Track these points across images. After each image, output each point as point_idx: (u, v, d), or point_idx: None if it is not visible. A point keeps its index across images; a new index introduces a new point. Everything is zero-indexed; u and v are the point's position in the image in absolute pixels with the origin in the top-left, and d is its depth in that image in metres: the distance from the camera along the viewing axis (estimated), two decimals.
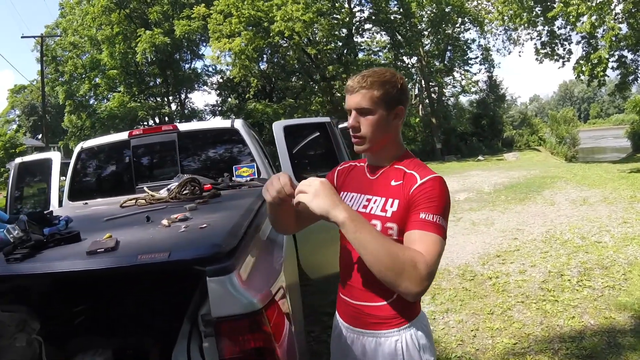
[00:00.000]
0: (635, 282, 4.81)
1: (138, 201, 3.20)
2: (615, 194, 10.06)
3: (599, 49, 16.11)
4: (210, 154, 4.63)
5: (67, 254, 1.63)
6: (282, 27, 22.37)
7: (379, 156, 1.61)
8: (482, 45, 34.05)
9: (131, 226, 2.11)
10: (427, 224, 1.38)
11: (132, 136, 4.29)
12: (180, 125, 4.38)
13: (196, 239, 1.61)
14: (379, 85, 1.50)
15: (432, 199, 1.42)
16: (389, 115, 1.53)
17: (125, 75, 28.41)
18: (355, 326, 1.58)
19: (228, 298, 1.30)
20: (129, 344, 2.37)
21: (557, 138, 33.33)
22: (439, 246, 1.36)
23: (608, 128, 76.07)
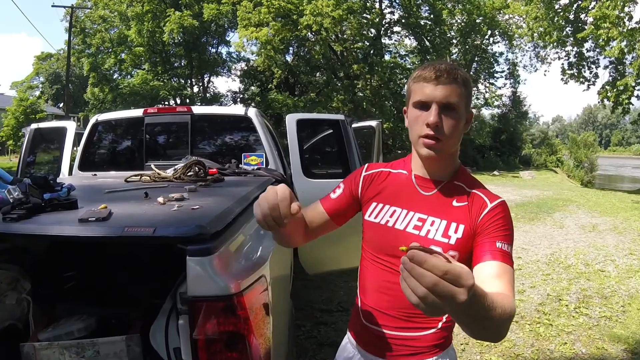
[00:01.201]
0: (632, 315, 4.73)
1: (142, 178, 3.25)
2: (626, 224, 9.93)
3: (626, 75, 15.88)
4: (221, 139, 4.65)
5: (60, 220, 1.66)
6: (310, 21, 22.32)
7: (441, 166, 1.37)
8: (510, 59, 33.78)
9: (128, 200, 2.14)
10: (506, 256, 1.20)
11: (146, 114, 4.33)
12: (195, 108, 4.41)
13: (184, 219, 1.63)
14: (465, 83, 1.29)
15: (505, 227, 1.26)
16: (465, 120, 1.33)
17: (151, 54, 28.59)
18: (382, 357, 1.41)
19: (204, 279, 1.31)
20: (113, 314, 2.40)
21: (575, 161, 32.94)
22: (511, 277, 1.18)
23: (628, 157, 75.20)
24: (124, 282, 2.55)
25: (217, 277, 1.31)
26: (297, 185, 3.93)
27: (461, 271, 0.77)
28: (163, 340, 1.73)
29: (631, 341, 4.12)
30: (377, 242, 1.42)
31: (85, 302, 2.46)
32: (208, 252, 1.33)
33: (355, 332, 1.50)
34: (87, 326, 2.25)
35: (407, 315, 1.36)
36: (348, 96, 28.32)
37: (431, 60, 28.25)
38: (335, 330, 4.21)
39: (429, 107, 1.26)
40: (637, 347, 4.01)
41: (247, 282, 1.40)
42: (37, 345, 2.03)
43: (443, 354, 1.38)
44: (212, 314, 1.31)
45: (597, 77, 18.71)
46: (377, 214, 1.42)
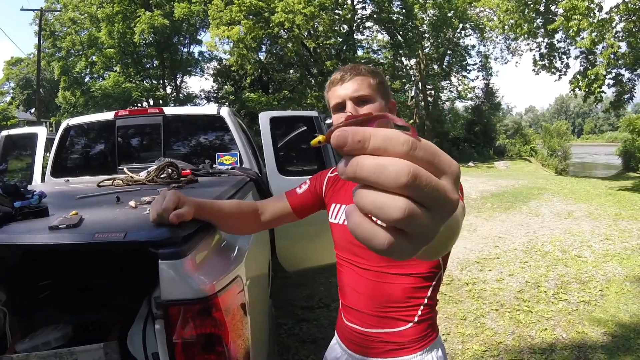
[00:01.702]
0: (611, 299, 4.83)
1: (115, 182, 3.19)
2: (601, 210, 10.13)
3: (597, 65, 16.17)
4: (194, 140, 4.61)
5: (30, 228, 1.62)
6: (282, 18, 22.28)
7: None
8: (482, 52, 34.25)
9: (100, 205, 2.10)
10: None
11: (117, 116, 4.28)
12: (167, 109, 4.36)
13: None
14: (374, 73, 1.34)
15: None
16: (386, 108, 1.34)
17: (122, 55, 28.19)
18: (366, 355, 1.39)
19: (177, 282, 1.28)
20: (90, 321, 2.37)
21: (549, 150, 33.51)
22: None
23: (601, 144, 76.59)
24: (100, 288, 2.51)
25: (190, 280, 1.29)
26: (273, 184, 3.91)
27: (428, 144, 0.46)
28: (141, 345, 1.71)
29: (610, 324, 4.20)
30: (338, 241, 1.46)
31: (62, 310, 2.42)
32: (180, 255, 1.31)
33: (339, 331, 1.50)
34: (64, 335, 2.22)
35: (380, 311, 1.36)
36: (322, 93, 28.31)
37: (403, 54, 28.50)
38: (317, 327, 4.21)
39: (344, 107, 1.31)
40: (616, 330, 4.09)
41: (222, 283, 1.37)
42: (14, 357, 2.00)
43: (429, 349, 1.37)
44: (187, 317, 1.29)
45: (568, 67, 19.02)
46: (336, 214, 1.45)
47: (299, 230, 3.63)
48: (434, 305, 1.40)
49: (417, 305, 1.35)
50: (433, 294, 1.38)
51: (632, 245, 6.93)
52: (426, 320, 1.37)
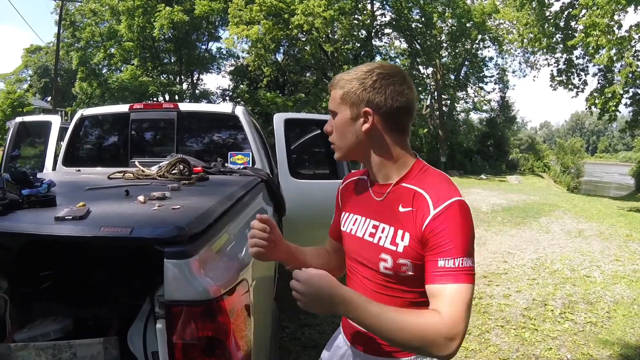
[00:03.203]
0: (618, 321, 4.75)
1: (126, 175, 3.19)
2: (612, 230, 9.99)
3: (614, 83, 16.02)
4: (208, 137, 4.61)
5: (36, 217, 1.62)
6: (302, 20, 22.30)
7: (377, 170, 1.34)
8: (499, 64, 34.08)
9: (109, 198, 2.09)
10: (448, 275, 1.15)
11: (132, 109, 4.28)
12: (182, 104, 4.35)
13: (163, 219, 1.59)
14: (344, 82, 1.29)
15: (451, 236, 1.17)
16: (356, 119, 1.28)
17: (140, 49, 28.40)
18: (366, 352, 1.41)
19: (182, 282, 1.27)
20: (89, 315, 2.36)
21: (562, 167, 33.26)
22: (464, 295, 1.14)
23: (614, 164, 76.00)
24: (102, 282, 2.50)
25: (195, 281, 1.27)
26: (284, 185, 3.89)
27: (299, 274, 1.15)
28: (141, 343, 1.70)
29: (616, 347, 4.13)
30: (347, 250, 1.46)
31: (62, 302, 2.40)
32: (186, 255, 1.29)
33: (345, 327, 1.50)
34: (63, 327, 2.20)
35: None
36: None
37: (421, 62, 28.45)
38: (319, 333, 4.17)
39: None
40: (622, 353, 4.02)
41: (228, 286, 1.35)
42: (12, 346, 1.99)
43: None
44: (190, 318, 1.27)
45: (585, 84, 18.82)
46: (345, 223, 1.45)
47: (304, 234, 3.61)
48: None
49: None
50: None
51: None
52: None
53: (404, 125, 1.32)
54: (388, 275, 1.28)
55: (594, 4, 13.91)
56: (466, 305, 1.13)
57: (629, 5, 13.61)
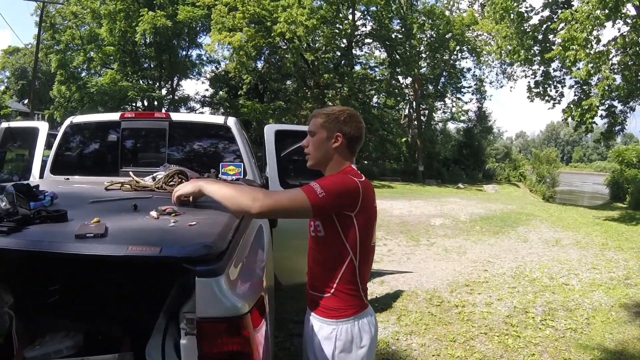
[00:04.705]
0: (597, 328, 4.93)
1: (123, 186, 3.16)
2: (588, 239, 10.26)
3: (591, 96, 16.43)
4: (199, 148, 4.61)
5: (55, 235, 1.59)
6: (284, 29, 22.36)
7: (326, 172, 1.94)
8: (477, 75, 34.58)
9: (118, 213, 2.07)
10: (303, 186, 1.70)
11: (123, 118, 4.24)
12: (173, 114, 4.36)
13: (186, 237, 1.61)
14: (324, 115, 1.91)
15: (326, 178, 1.82)
16: (329, 138, 1.88)
17: (121, 53, 28.02)
18: (309, 309, 1.93)
19: (214, 300, 1.31)
20: (98, 330, 2.34)
21: (537, 176, 33.81)
22: (294, 193, 1.68)
23: (589, 173, 77.48)
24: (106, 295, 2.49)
25: (226, 299, 1.32)
26: None
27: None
28: (160, 358, 1.70)
29: (596, 352, 4.31)
30: None
31: (68, 316, 2.38)
32: (217, 273, 1.33)
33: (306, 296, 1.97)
34: (75, 343, 2.18)
35: (312, 280, 1.89)
36: (317, 105, 28.45)
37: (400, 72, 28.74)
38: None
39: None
40: (602, 358, 4.21)
41: (253, 301, 1.40)
42: None
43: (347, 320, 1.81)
44: (220, 334, 1.32)
45: (562, 96, 19.24)
46: None
47: (294, 243, 3.64)
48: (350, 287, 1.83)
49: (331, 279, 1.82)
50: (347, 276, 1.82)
51: (618, 276, 7.05)
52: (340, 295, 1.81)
53: (355, 148, 1.96)
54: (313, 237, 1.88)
55: (573, 19, 14.27)
56: (289, 197, 1.68)
57: (608, 20, 13.98)
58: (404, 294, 5.85)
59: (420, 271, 6.96)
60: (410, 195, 17.67)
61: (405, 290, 6.03)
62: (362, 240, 1.82)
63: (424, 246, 8.98)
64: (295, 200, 1.65)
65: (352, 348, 1.79)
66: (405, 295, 5.81)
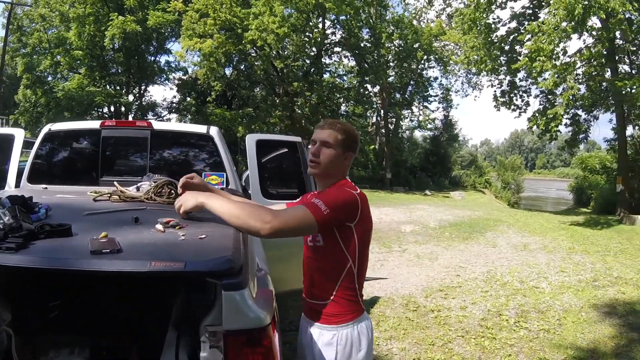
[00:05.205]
0: (568, 328, 5.17)
1: (112, 197, 3.11)
2: (555, 243, 10.63)
3: (556, 105, 17.00)
4: (181, 157, 4.59)
5: (67, 251, 1.53)
6: (255, 36, 22.30)
7: (324, 183, 2.03)
8: (443, 84, 35.21)
9: (119, 226, 1.98)
10: (307, 203, 1.77)
11: (104, 126, 4.17)
12: (155, 123, 4.34)
13: (205, 251, 1.60)
14: (343, 131, 1.97)
15: (327, 193, 1.86)
16: (342, 156, 1.98)
17: (89, 58, 27.35)
18: (307, 317, 2.00)
19: (240, 312, 1.35)
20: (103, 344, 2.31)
21: (503, 183, 34.60)
22: (300, 212, 1.74)
23: (552, 179, 79.58)
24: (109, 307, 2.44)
25: (251, 311, 1.37)
26: None
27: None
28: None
29: (570, 351, 4.53)
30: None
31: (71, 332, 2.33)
32: (241, 286, 1.37)
33: (303, 306, 2.05)
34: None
35: (311, 288, 1.96)
36: (286, 113, 28.49)
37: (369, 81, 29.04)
38: (291, 350, 4.24)
39: (315, 143, 1.96)
40: (575, 356, 4.43)
41: (271, 311, 1.45)
42: None
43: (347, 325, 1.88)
44: (244, 345, 1.36)
45: (528, 105, 19.90)
46: None
47: (276, 252, 3.65)
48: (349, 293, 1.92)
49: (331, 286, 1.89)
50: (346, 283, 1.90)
51: (586, 278, 7.34)
52: (340, 301, 1.89)
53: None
54: (311, 247, 1.94)
55: (540, 31, 14.73)
56: (296, 216, 1.73)
57: (574, 32, 14.47)
58: (380, 300, 5.96)
59: (394, 277, 7.09)
60: (379, 202, 17.83)
61: (382, 296, 6.15)
62: (361, 249, 1.91)
63: (397, 253, 9.13)
64: (302, 220, 1.71)
65: (353, 352, 1.87)
66: (382, 302, 5.92)
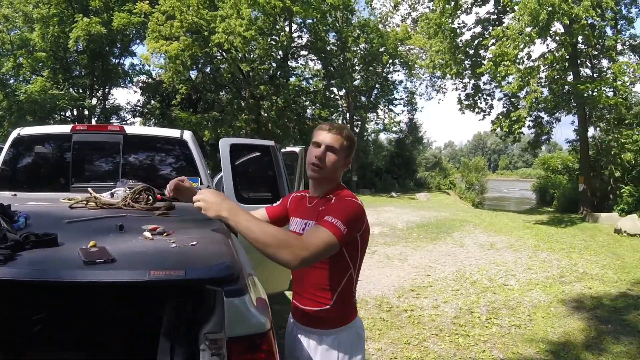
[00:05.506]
0: (539, 323, 5.36)
1: (88, 204, 3.04)
2: (521, 242, 10.95)
3: (520, 108, 17.50)
4: (154, 162, 4.54)
5: (58, 261, 1.47)
6: (222, 39, 22.10)
7: (321, 187, 2.02)
8: (408, 88, 35.72)
9: (105, 234, 1.91)
10: (325, 222, 1.72)
11: (75, 131, 4.12)
12: (128, 128, 4.30)
13: (201, 258, 1.60)
14: (348, 138, 1.99)
15: (339, 209, 1.80)
16: (343, 162, 2.01)
17: (52, 60, 26.46)
18: (304, 325, 1.98)
19: (243, 318, 1.35)
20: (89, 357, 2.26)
21: (467, 184, 35.25)
22: (324, 236, 1.68)
23: (515, 180, 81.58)
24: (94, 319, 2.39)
25: (253, 316, 1.37)
26: None
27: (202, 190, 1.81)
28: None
29: (541, 345, 4.72)
30: None
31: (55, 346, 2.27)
32: (243, 292, 1.37)
33: (292, 309, 2.07)
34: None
35: (309, 294, 1.95)
36: (252, 116, 28.35)
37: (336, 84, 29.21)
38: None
39: (320, 146, 1.95)
40: (547, 349, 4.62)
41: (269, 315, 1.46)
42: None
43: (346, 327, 1.93)
44: (247, 350, 1.37)
45: (492, 108, 20.39)
46: (295, 224, 2.08)
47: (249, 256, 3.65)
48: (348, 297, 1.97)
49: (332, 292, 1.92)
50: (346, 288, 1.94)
51: (552, 275, 7.61)
52: (339, 306, 1.92)
53: None
54: None
55: (505, 36, 15.13)
56: (322, 242, 1.67)
57: (539, 37, 14.91)
58: None
59: (366, 279, 7.17)
60: None
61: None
62: (361, 255, 1.97)
63: (367, 254, 9.00)
64: (327, 244, 1.67)
65: (353, 353, 1.92)
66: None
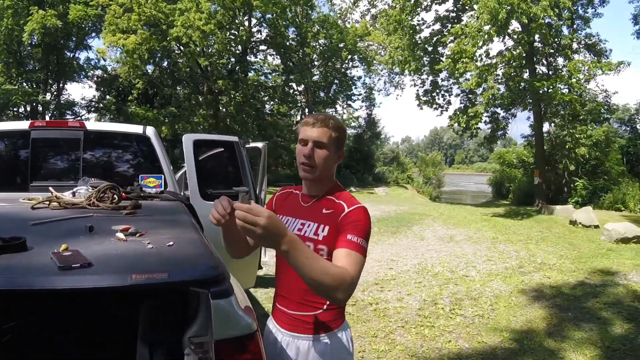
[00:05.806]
0: (501, 312, 5.54)
1: (51, 204, 2.95)
2: (479, 234, 11.24)
3: (477, 104, 17.96)
4: (116, 159, 4.44)
5: (32, 268, 1.40)
6: (180, 32, 21.63)
7: (317, 186, 1.87)
8: (367, 83, 35.96)
9: (74, 236, 1.84)
10: (352, 244, 1.64)
11: (33, 127, 3.96)
12: (88, 123, 4.18)
13: (181, 259, 1.57)
14: (337, 129, 1.81)
15: (358, 224, 1.70)
16: (335, 155, 1.84)
17: (5, 54, 25.21)
18: (290, 331, 1.84)
19: (230, 320, 1.34)
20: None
21: (424, 178, 35.82)
22: (360, 261, 1.63)
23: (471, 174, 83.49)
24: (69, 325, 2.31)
25: (240, 318, 1.36)
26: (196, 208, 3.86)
27: (260, 210, 1.31)
28: None
29: (505, 333, 4.88)
30: None
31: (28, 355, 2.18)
32: (229, 293, 1.35)
33: (274, 314, 1.93)
34: None
35: (300, 300, 1.81)
36: (210, 111, 27.99)
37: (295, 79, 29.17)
38: None
39: (307, 144, 1.78)
40: (511, 337, 4.77)
41: (254, 315, 1.45)
42: None
43: (337, 330, 1.83)
44: (235, 352, 1.35)
45: (449, 104, 20.84)
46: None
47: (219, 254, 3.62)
48: None
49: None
50: None
51: (512, 265, 7.87)
52: (333, 310, 1.82)
53: None
54: None
55: (463, 33, 15.46)
56: (361, 268, 1.64)
57: (498, 35, 15.28)
58: None
59: None
60: None
61: None
62: None
63: None
64: (363, 267, 1.65)
65: (345, 355, 1.87)
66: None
